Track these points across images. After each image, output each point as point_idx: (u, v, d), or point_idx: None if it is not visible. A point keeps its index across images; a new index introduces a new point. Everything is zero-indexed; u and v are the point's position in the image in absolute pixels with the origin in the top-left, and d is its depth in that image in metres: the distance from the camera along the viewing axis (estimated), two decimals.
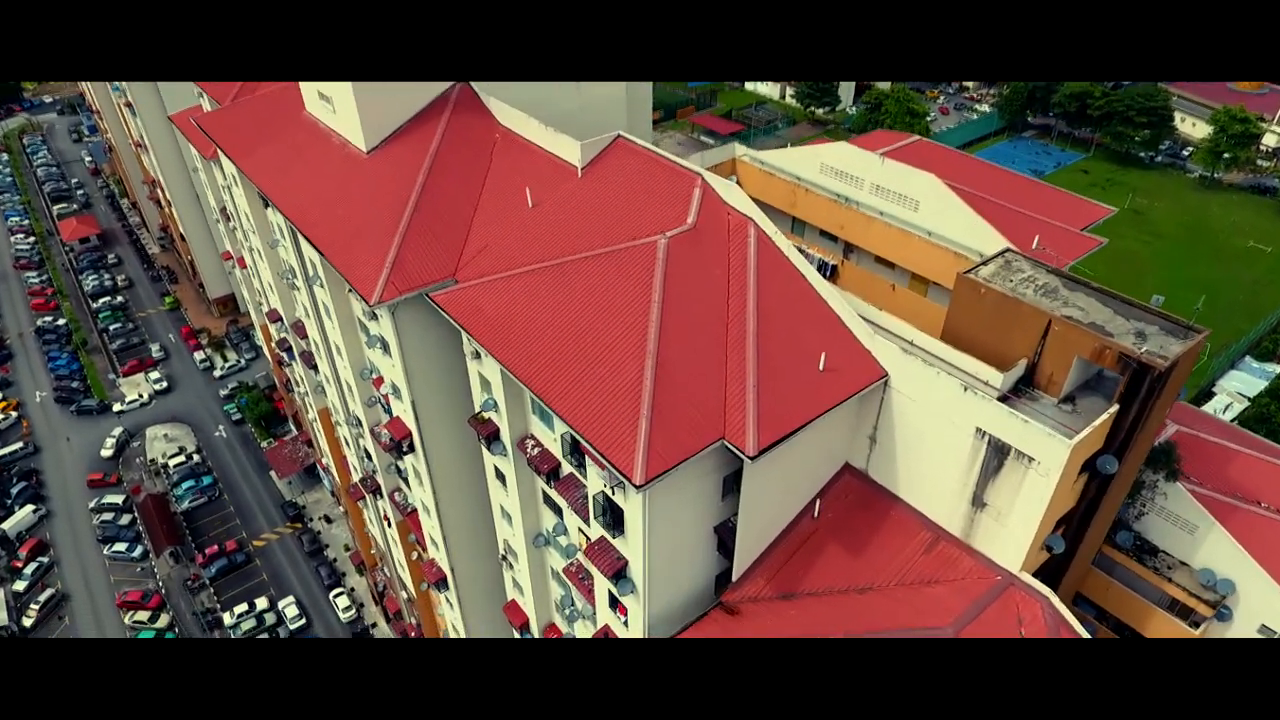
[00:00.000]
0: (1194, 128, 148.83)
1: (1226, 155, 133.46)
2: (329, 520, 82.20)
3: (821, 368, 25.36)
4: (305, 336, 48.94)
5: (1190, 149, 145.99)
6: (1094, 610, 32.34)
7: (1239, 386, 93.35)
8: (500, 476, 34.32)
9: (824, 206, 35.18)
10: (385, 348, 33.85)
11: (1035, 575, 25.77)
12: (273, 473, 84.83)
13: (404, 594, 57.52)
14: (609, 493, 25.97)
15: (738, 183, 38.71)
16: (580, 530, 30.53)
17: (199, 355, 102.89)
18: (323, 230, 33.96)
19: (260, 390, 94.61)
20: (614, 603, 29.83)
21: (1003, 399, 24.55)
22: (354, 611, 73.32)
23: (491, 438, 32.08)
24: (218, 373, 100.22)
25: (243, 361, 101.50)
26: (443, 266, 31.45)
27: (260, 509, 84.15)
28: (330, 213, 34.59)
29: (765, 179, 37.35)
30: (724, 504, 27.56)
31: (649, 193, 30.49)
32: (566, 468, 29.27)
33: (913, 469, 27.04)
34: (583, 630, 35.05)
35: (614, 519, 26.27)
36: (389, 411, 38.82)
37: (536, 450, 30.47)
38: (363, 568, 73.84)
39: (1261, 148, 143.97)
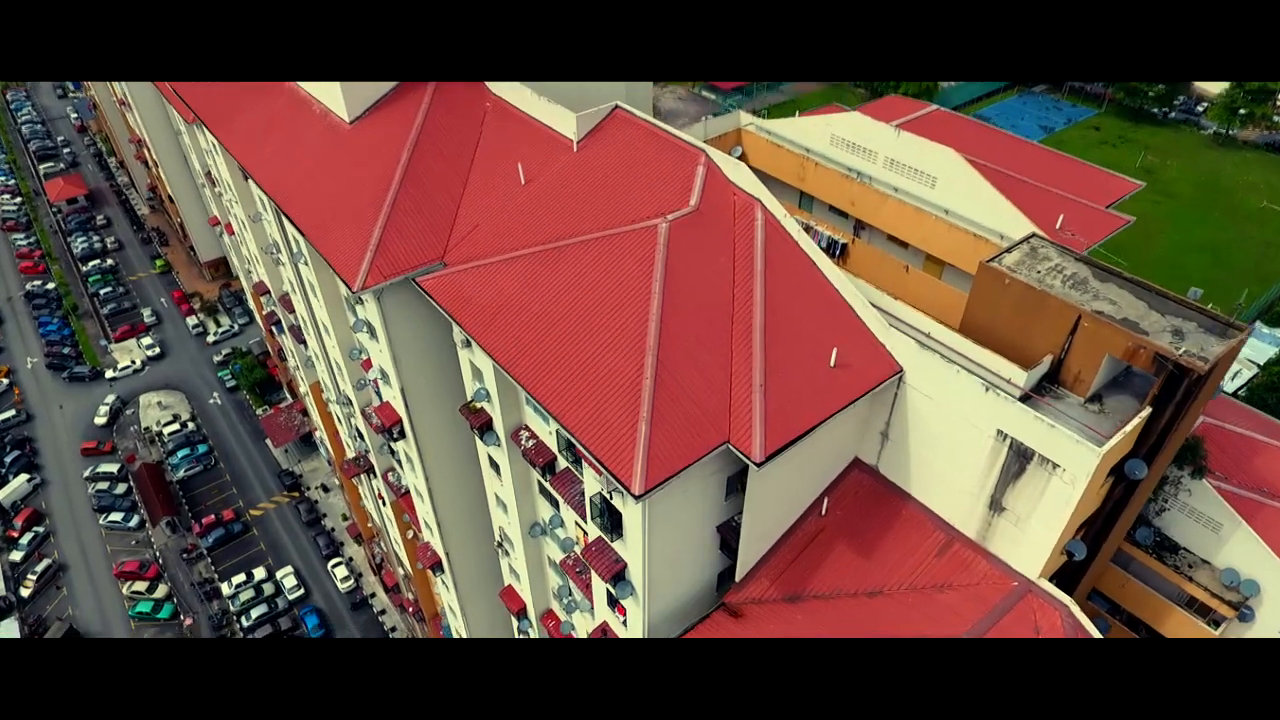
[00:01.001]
0: (1209, 82, 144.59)
1: (1243, 111, 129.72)
2: (326, 489, 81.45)
3: (833, 363, 23.82)
4: (293, 311, 47.28)
5: (1205, 104, 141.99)
6: (1107, 604, 31.33)
7: (1248, 353, 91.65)
8: (494, 465, 33.04)
9: (834, 181, 33.22)
10: (372, 332, 32.25)
11: (1051, 577, 24.66)
12: (268, 441, 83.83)
13: (401, 570, 56.87)
14: (606, 495, 24.66)
15: (743, 155, 36.64)
16: (578, 524, 29.35)
17: (191, 320, 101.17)
18: (303, 207, 32.08)
19: (254, 356, 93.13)
20: (613, 601, 28.78)
21: (1025, 398, 23.06)
22: (352, 581, 72.98)
23: (484, 428, 30.70)
24: (211, 338, 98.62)
25: (236, 326, 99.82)
26: (430, 248, 29.68)
27: (257, 478, 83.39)
28: (311, 187, 32.68)
29: (772, 151, 35.29)
30: (728, 503, 26.29)
31: (649, 170, 28.55)
32: (563, 462, 27.95)
33: (927, 468, 25.70)
34: (581, 620, 34.16)
35: (612, 521, 25.01)
36: (379, 394, 37.39)
37: (531, 443, 29.10)
38: (361, 538, 73.31)
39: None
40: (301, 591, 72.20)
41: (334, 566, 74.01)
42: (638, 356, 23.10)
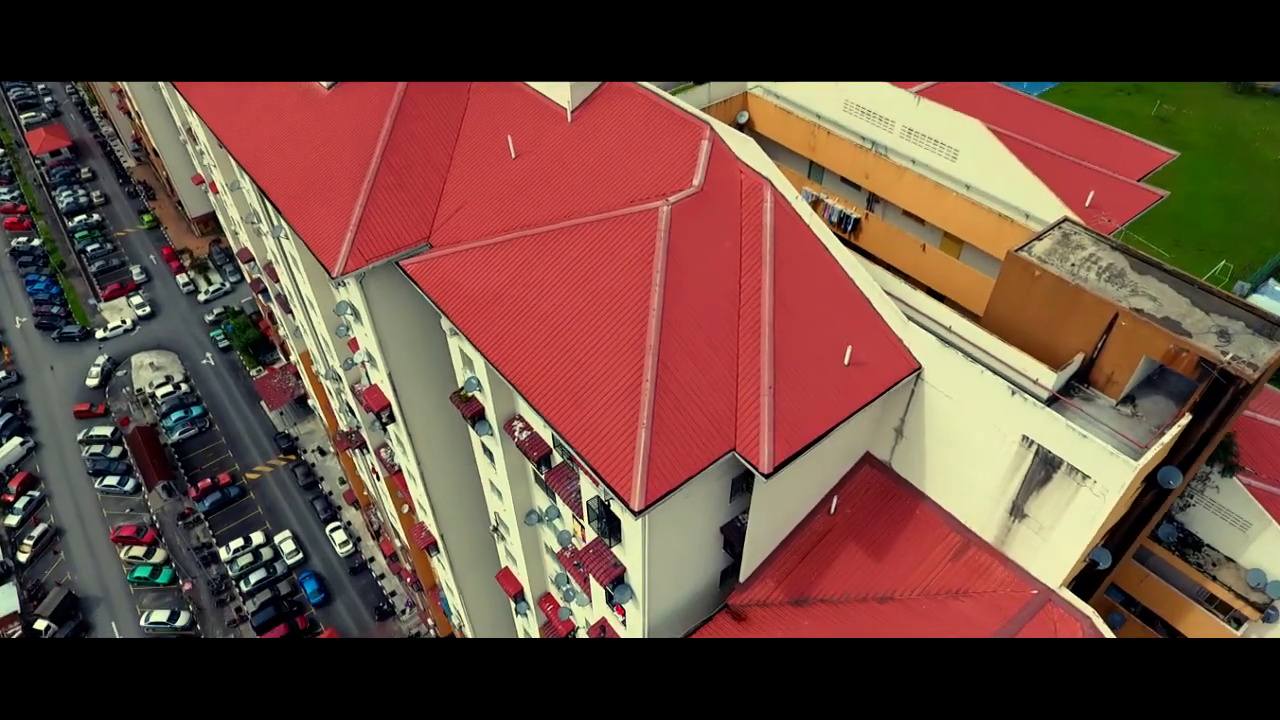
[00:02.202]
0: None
1: None
2: (323, 453, 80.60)
3: (846, 361, 22.17)
4: (278, 280, 45.40)
5: None
6: (1121, 596, 30.31)
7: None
8: (488, 453, 31.65)
9: (848, 151, 31.03)
10: (356, 315, 30.49)
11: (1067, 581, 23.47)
12: (263, 403, 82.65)
13: (398, 542, 56.16)
14: (604, 500, 23.29)
15: (749, 120, 34.34)
16: (576, 519, 28.09)
17: (182, 278, 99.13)
18: (280, 180, 29.96)
19: (247, 316, 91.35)
20: (611, 600, 27.68)
21: (1052, 400, 21.47)
22: (351, 546, 72.72)
23: (476, 417, 29.17)
24: (202, 296, 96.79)
25: (228, 284, 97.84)
26: (415, 228, 27.73)
27: (252, 440, 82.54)
28: (288, 157, 30.50)
29: (781, 117, 32.97)
30: (733, 504, 24.95)
31: (649, 144, 26.41)
32: (558, 457, 26.53)
33: (943, 468, 24.27)
34: (579, 609, 33.24)
35: (610, 526, 23.70)
36: (367, 377, 35.82)
37: (526, 434, 27.62)
38: (359, 504, 72.66)
39: None
40: (300, 556, 71.97)
41: (332, 531, 73.64)
42: (637, 356, 21.43)
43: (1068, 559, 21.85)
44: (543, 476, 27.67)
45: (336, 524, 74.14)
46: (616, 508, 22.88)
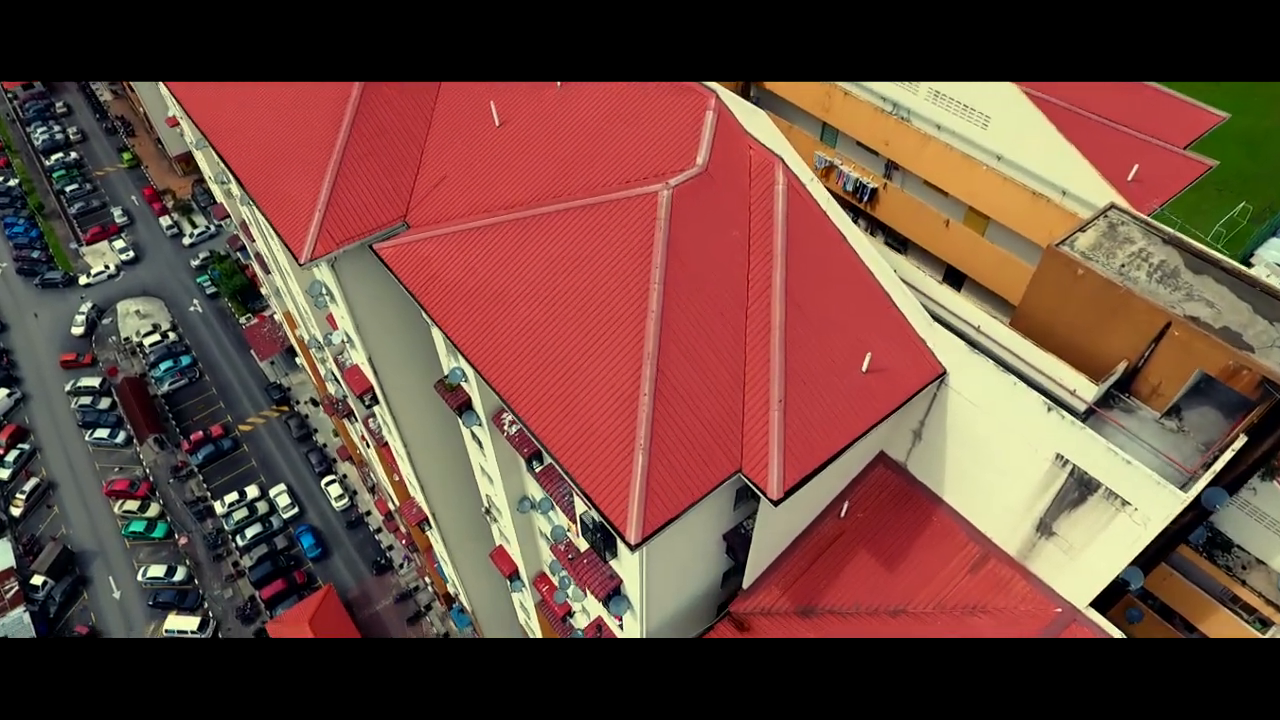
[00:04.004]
0: None
1: None
2: (316, 404, 79.05)
3: (865, 368, 20.13)
4: (254, 240, 42.85)
5: None
6: (1140, 590, 29.01)
7: (1275, 256, 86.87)
8: (477, 440, 29.90)
9: (866, 115, 28.14)
10: (331, 296, 28.28)
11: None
12: (253, 352, 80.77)
13: (391, 505, 55.12)
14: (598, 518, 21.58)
15: None
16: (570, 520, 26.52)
17: (165, 220, 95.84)
18: (241, 148, 27.29)
19: (233, 261, 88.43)
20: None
21: (1089, 411, 19.54)
22: (347, 500, 71.95)
23: (463, 407, 27.30)
24: (187, 240, 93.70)
25: (213, 227, 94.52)
26: (391, 205, 25.29)
27: (244, 391, 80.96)
28: (251, 125, 27.74)
29: None
30: (737, 511, 23.32)
31: (647, 113, 23.71)
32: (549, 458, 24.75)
33: (964, 475, 22.51)
34: (576, 596, 32.06)
35: (605, 541, 22.11)
36: (349, 357, 33.78)
37: (516, 429, 25.77)
38: (354, 459, 71.58)
39: None
40: (296, 510, 71.24)
41: (328, 484, 72.77)
42: (634, 364, 19.38)
43: (1097, 582, 20.32)
44: (534, 472, 26.01)
45: (332, 477, 73.20)
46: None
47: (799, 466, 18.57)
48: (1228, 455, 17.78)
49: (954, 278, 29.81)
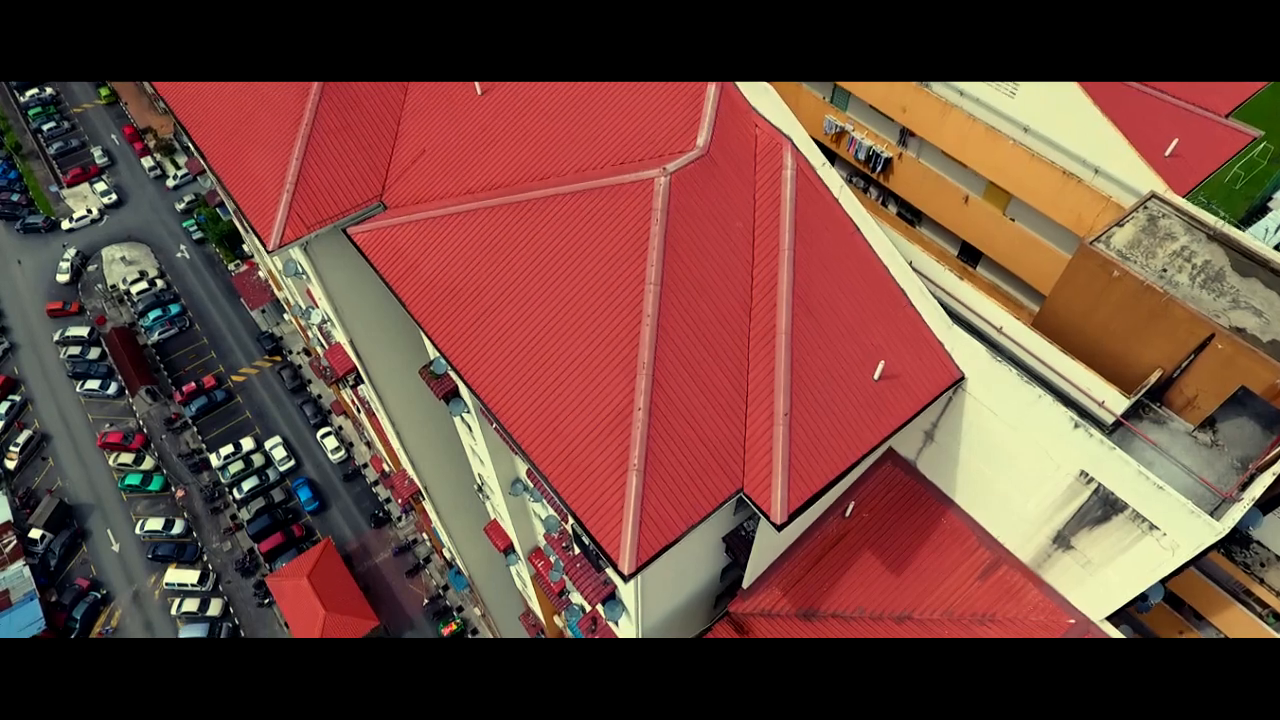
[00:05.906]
0: None
1: None
2: (309, 354, 77.68)
3: (877, 376, 18.66)
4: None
5: None
6: None
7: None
8: (466, 424, 28.64)
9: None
10: (306, 277, 26.56)
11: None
12: (244, 301, 78.97)
13: (386, 466, 54.36)
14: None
15: None
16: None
17: (147, 161, 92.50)
18: (203, 119, 25.15)
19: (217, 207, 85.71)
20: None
21: (1116, 424, 18.17)
22: (343, 452, 71.36)
23: (450, 395, 25.93)
24: (171, 182, 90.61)
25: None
26: (366, 183, 23.39)
27: (236, 341, 79.48)
28: (214, 92, 25.50)
29: None
30: (737, 515, 22.21)
31: (643, 86, 21.56)
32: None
33: (978, 481, 21.29)
34: (571, 585, 31.37)
35: (600, 552, 20.99)
36: (330, 335, 32.21)
37: None
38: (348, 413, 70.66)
39: None
40: (292, 463, 70.70)
41: (323, 437, 72.05)
42: (627, 375, 17.91)
43: (1115, 599, 19.31)
44: (524, 470, 24.83)
45: (328, 429, 72.43)
46: None
47: (804, 487, 17.31)
48: (1268, 478, 16.48)
49: (969, 252, 28.06)
